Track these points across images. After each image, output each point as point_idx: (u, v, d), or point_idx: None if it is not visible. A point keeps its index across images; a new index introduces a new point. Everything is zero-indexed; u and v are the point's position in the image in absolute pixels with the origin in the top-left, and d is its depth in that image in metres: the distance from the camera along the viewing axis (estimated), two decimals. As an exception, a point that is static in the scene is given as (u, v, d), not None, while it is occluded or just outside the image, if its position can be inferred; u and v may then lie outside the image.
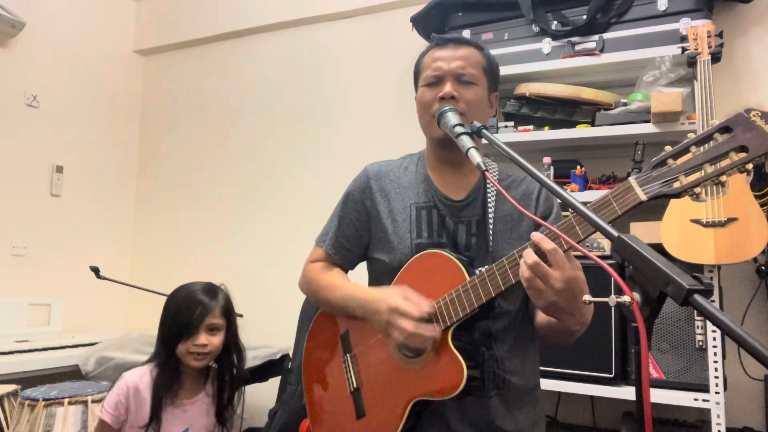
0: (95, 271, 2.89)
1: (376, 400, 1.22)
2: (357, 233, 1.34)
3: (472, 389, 1.13)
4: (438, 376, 1.12)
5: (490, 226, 1.25)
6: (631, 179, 0.90)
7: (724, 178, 0.82)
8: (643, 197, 0.88)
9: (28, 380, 2.23)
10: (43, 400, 1.94)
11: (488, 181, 1.29)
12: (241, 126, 3.35)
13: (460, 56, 1.25)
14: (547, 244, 0.96)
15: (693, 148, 0.84)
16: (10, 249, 2.97)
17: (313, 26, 3.20)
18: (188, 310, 1.56)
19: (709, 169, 0.83)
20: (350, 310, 1.26)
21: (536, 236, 0.98)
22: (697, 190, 0.85)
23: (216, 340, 1.59)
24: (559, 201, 1.32)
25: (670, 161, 0.86)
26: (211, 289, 1.64)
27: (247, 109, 3.34)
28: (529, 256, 0.96)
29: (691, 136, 0.85)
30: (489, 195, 1.28)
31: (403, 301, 1.12)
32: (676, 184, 0.85)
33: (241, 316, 3.02)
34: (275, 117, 3.26)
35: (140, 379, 1.57)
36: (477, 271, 1.17)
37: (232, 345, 1.66)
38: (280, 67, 3.27)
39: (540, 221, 0.94)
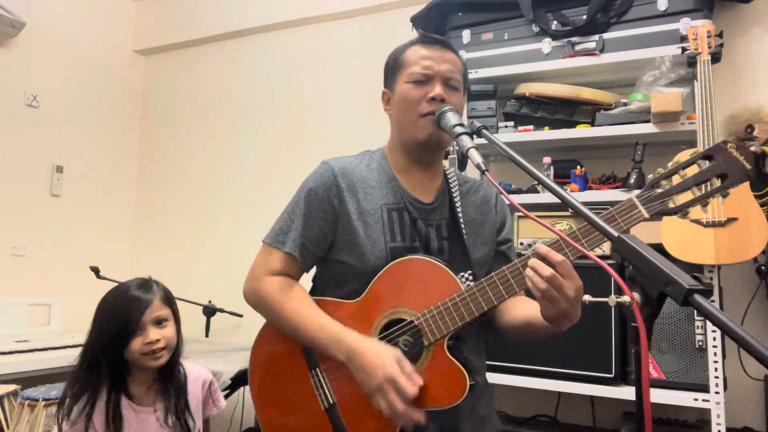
0: (95, 271, 2.89)
1: (360, 415, 1.16)
2: (322, 234, 1.24)
3: None
4: (438, 387, 1.10)
5: (464, 231, 1.25)
6: (633, 198, 1.02)
7: (710, 200, 0.96)
8: (647, 215, 1.00)
9: (28, 380, 2.23)
10: (43, 400, 1.94)
11: (451, 185, 1.30)
12: (242, 126, 3.35)
13: (449, 60, 1.24)
14: (556, 256, 0.98)
15: (681, 172, 0.97)
16: (10, 249, 2.96)
17: (314, 26, 3.20)
18: (126, 310, 1.42)
19: (697, 191, 0.97)
20: (328, 353, 1.16)
21: (542, 248, 1.00)
22: (688, 209, 0.99)
23: (168, 332, 1.45)
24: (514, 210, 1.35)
25: (663, 182, 0.99)
26: (144, 283, 1.49)
27: (248, 109, 3.34)
28: (544, 268, 0.98)
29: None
30: (455, 198, 1.28)
31: (400, 373, 1.06)
32: (671, 204, 0.99)
33: (240, 315, 3.04)
34: (275, 117, 3.26)
35: (87, 403, 1.42)
36: (460, 276, 1.18)
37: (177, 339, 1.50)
38: (280, 67, 3.27)
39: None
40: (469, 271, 1.22)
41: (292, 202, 1.30)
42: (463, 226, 1.25)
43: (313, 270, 1.36)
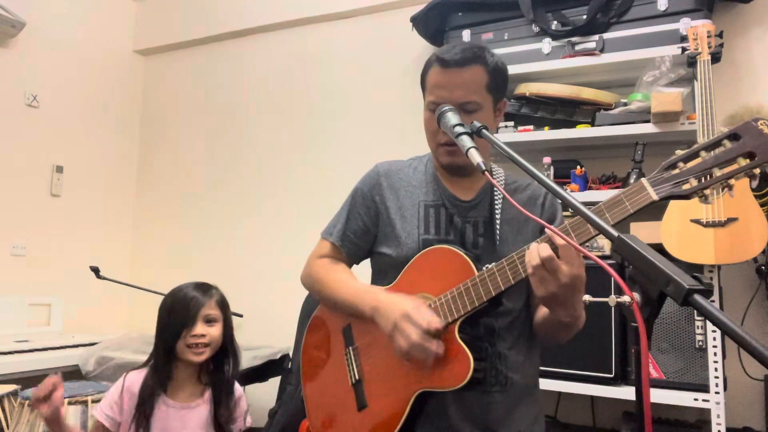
0: (95, 271, 2.89)
1: (379, 392, 1.23)
2: (365, 227, 1.35)
3: (474, 384, 1.14)
4: (444, 368, 1.13)
5: (497, 227, 1.26)
6: (644, 180, 0.94)
7: (732, 181, 0.85)
8: (655, 197, 0.92)
9: (28, 380, 2.23)
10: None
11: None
12: (241, 126, 3.35)
13: (463, 83, 1.20)
14: (559, 240, 0.99)
15: (703, 153, 0.87)
16: (10, 249, 2.96)
17: (314, 26, 3.20)
18: (183, 305, 1.54)
19: (718, 173, 0.86)
20: (358, 310, 1.25)
21: (550, 231, 1.00)
22: (707, 192, 0.88)
23: (214, 331, 1.55)
24: (561, 204, 1.34)
25: (681, 164, 0.89)
26: (204, 285, 1.62)
27: (247, 108, 3.34)
28: (544, 249, 0.99)
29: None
30: (496, 197, 1.30)
31: (415, 310, 1.12)
32: (686, 186, 0.89)
33: (241, 316, 3.04)
34: (275, 117, 3.26)
35: (137, 379, 1.54)
36: (484, 268, 1.18)
37: (228, 345, 1.61)
38: (280, 67, 3.27)
39: (543, 222, 0.95)
40: (495, 263, 1.21)
41: (344, 201, 1.41)
42: (498, 223, 1.27)
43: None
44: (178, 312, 1.54)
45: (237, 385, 1.68)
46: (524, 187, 1.35)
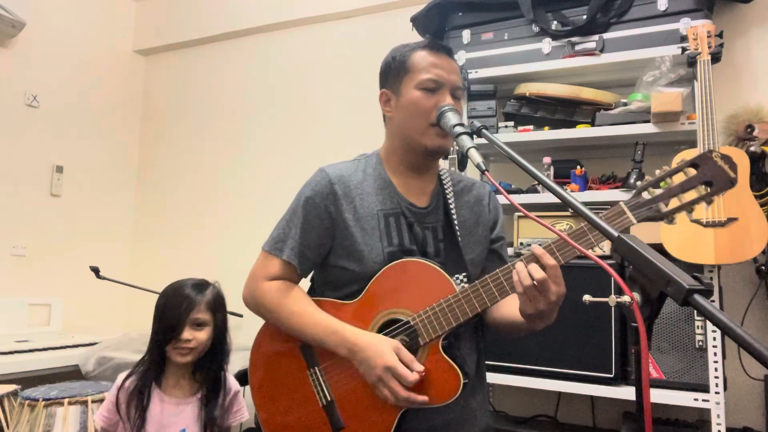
0: (95, 271, 2.89)
1: (357, 412, 1.20)
2: (319, 241, 1.26)
3: None
4: (432, 384, 1.13)
5: (458, 233, 1.27)
6: (622, 204, 1.04)
7: (695, 207, 0.98)
8: (635, 221, 1.03)
9: (28, 380, 2.23)
10: (43, 400, 1.94)
11: (445, 187, 1.32)
12: (241, 126, 3.35)
13: (455, 70, 1.27)
14: (549, 260, 1.04)
15: (668, 180, 0.99)
16: (10, 249, 2.96)
17: (313, 26, 3.20)
18: (174, 306, 1.55)
19: (684, 198, 0.98)
20: (328, 348, 1.20)
21: (538, 250, 1.04)
22: (673, 216, 1.01)
23: (202, 336, 1.56)
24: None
25: (651, 189, 1.02)
26: (200, 285, 1.62)
27: (247, 109, 3.34)
28: (537, 270, 1.03)
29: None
30: (449, 200, 1.30)
31: (398, 362, 1.10)
32: (660, 209, 1.01)
33: (240, 315, 3.03)
34: (275, 117, 3.26)
35: (132, 377, 1.57)
36: (455, 278, 1.21)
37: (218, 345, 1.62)
38: (280, 67, 3.27)
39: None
40: (464, 273, 1.25)
41: (289, 210, 1.33)
42: (457, 228, 1.27)
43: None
44: (168, 314, 1.55)
45: (234, 381, 1.70)
46: (470, 188, 1.35)
